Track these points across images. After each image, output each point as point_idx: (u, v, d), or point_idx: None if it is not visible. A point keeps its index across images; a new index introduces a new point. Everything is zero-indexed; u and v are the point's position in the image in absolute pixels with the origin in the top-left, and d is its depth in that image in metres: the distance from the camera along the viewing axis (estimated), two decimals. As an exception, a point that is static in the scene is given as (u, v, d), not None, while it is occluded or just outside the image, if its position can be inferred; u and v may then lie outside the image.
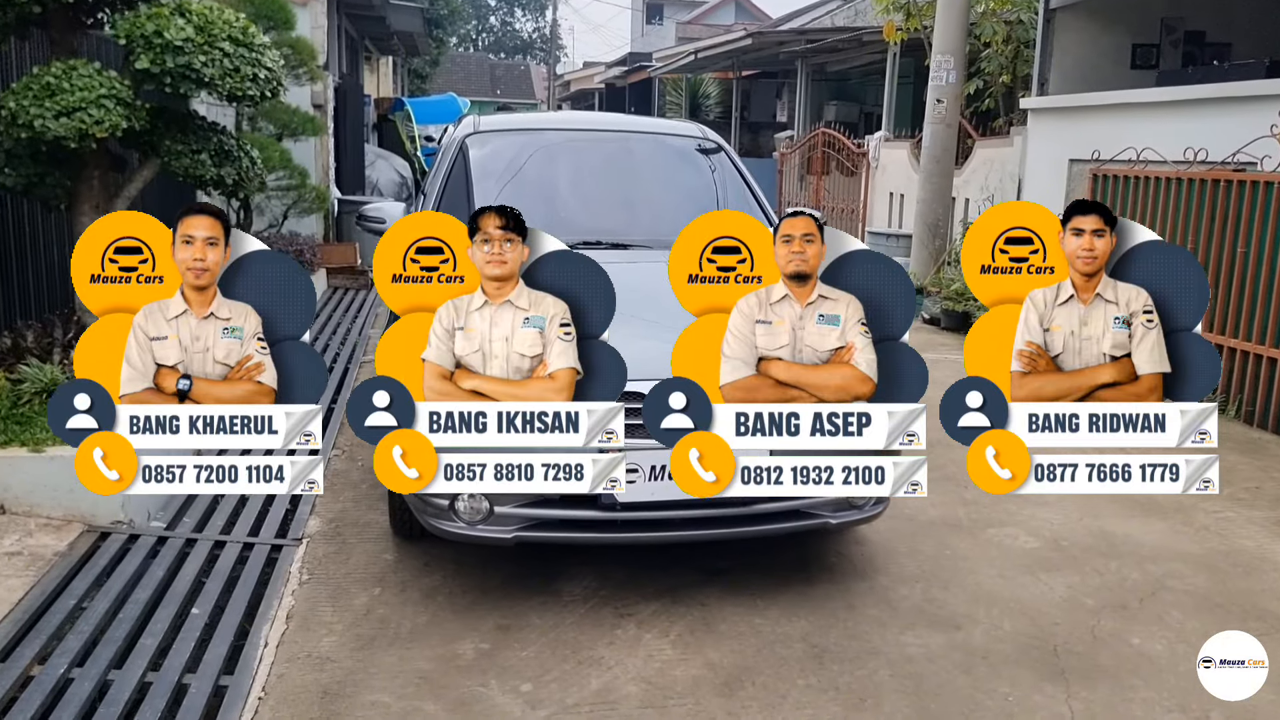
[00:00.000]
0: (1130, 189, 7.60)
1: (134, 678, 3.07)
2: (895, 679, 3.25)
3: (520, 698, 3.08)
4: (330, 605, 3.62)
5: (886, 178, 13.61)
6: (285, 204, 9.33)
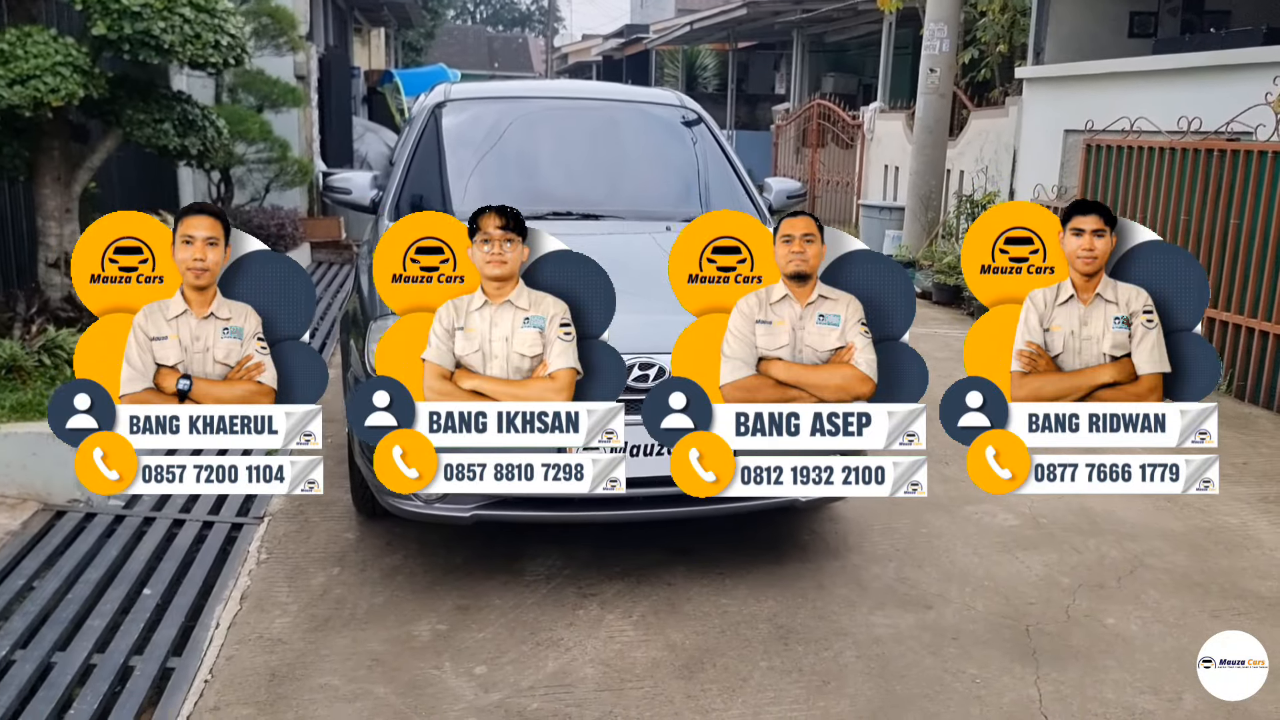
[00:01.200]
0: (1123, 159, 7.46)
1: (78, 659, 2.99)
2: (861, 660, 3.17)
3: (474, 680, 3.00)
4: (287, 585, 3.53)
5: (881, 149, 13.45)
6: (267, 177, 9.20)
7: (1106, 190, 7.66)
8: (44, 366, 4.43)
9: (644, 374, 3.34)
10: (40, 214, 4.86)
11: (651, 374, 3.35)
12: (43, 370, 4.42)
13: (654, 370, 3.36)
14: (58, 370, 4.44)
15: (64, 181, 4.85)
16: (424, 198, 4.65)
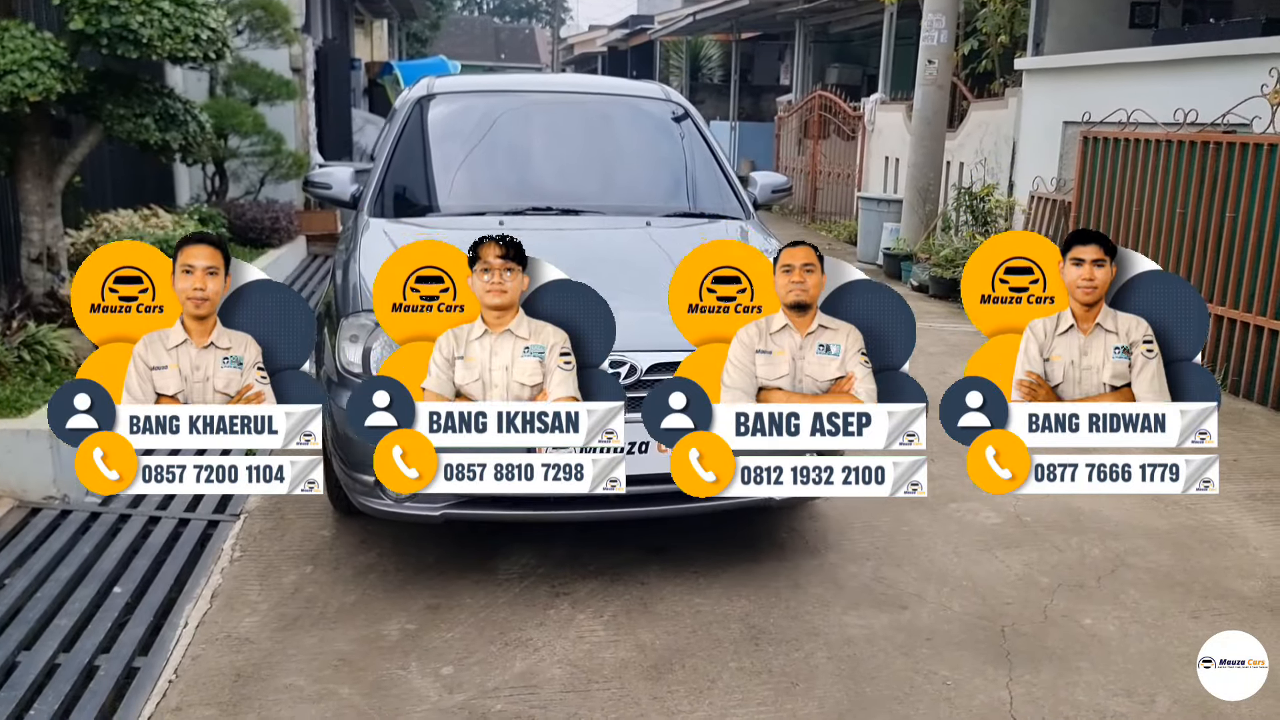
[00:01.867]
0: (1120, 152, 7.39)
1: (43, 659, 2.98)
2: (832, 661, 3.14)
3: (439, 681, 2.98)
4: (258, 583, 3.52)
5: (882, 141, 13.37)
6: (261, 170, 9.18)
7: (1103, 183, 7.60)
8: (24, 363, 4.42)
9: (615, 372, 3.30)
10: (22, 209, 4.85)
11: (623, 371, 3.32)
12: (22, 366, 4.41)
13: (625, 368, 3.32)
14: (37, 366, 4.44)
15: (46, 176, 4.84)
16: (406, 191, 4.63)
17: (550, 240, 4.26)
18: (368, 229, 4.23)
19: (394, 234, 4.14)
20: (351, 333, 3.45)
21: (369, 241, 4.07)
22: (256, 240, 8.59)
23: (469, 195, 4.61)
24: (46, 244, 4.90)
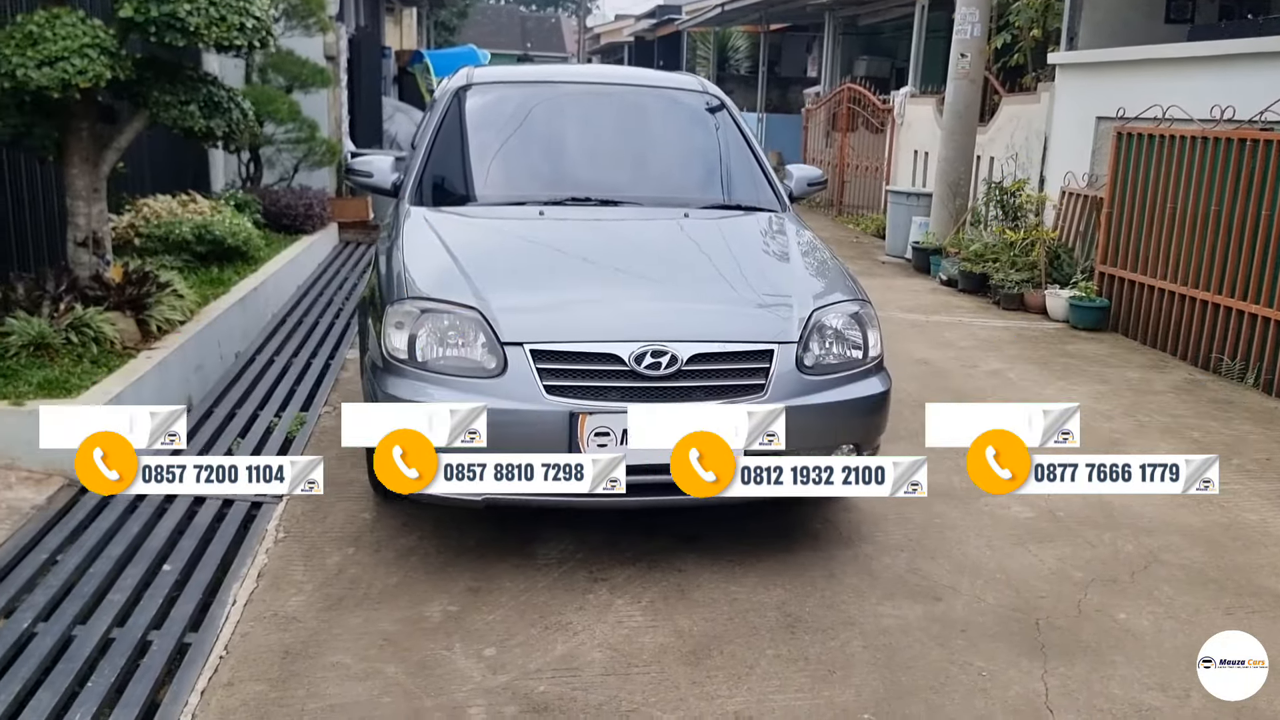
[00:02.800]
0: (1154, 148, 7.36)
1: (98, 633, 3.06)
2: (868, 650, 3.18)
3: (482, 662, 3.04)
4: (303, 564, 3.59)
5: (911, 134, 13.32)
6: (295, 157, 9.26)
7: (1137, 179, 7.56)
8: (71, 344, 4.51)
9: (656, 361, 3.35)
10: (69, 194, 4.93)
11: (663, 361, 3.35)
12: (70, 348, 4.49)
13: (666, 358, 3.36)
14: (84, 348, 4.52)
15: (92, 162, 4.91)
16: (445, 180, 4.69)
17: (590, 231, 4.31)
18: (409, 217, 4.29)
19: (435, 222, 4.21)
20: (397, 319, 3.51)
21: (411, 230, 4.13)
22: (290, 226, 8.67)
23: (508, 185, 4.66)
24: (92, 228, 4.98)
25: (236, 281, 6.49)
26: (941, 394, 5.84)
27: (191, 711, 2.75)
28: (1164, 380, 6.49)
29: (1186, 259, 7.03)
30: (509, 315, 3.43)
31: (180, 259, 6.50)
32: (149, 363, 4.59)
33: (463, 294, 3.51)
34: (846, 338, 3.70)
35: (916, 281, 9.91)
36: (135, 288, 5.06)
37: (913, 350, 6.71)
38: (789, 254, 4.14)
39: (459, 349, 3.43)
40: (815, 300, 3.72)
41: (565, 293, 3.72)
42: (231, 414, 5.08)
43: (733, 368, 3.45)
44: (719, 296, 3.76)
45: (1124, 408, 5.81)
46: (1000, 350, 7.00)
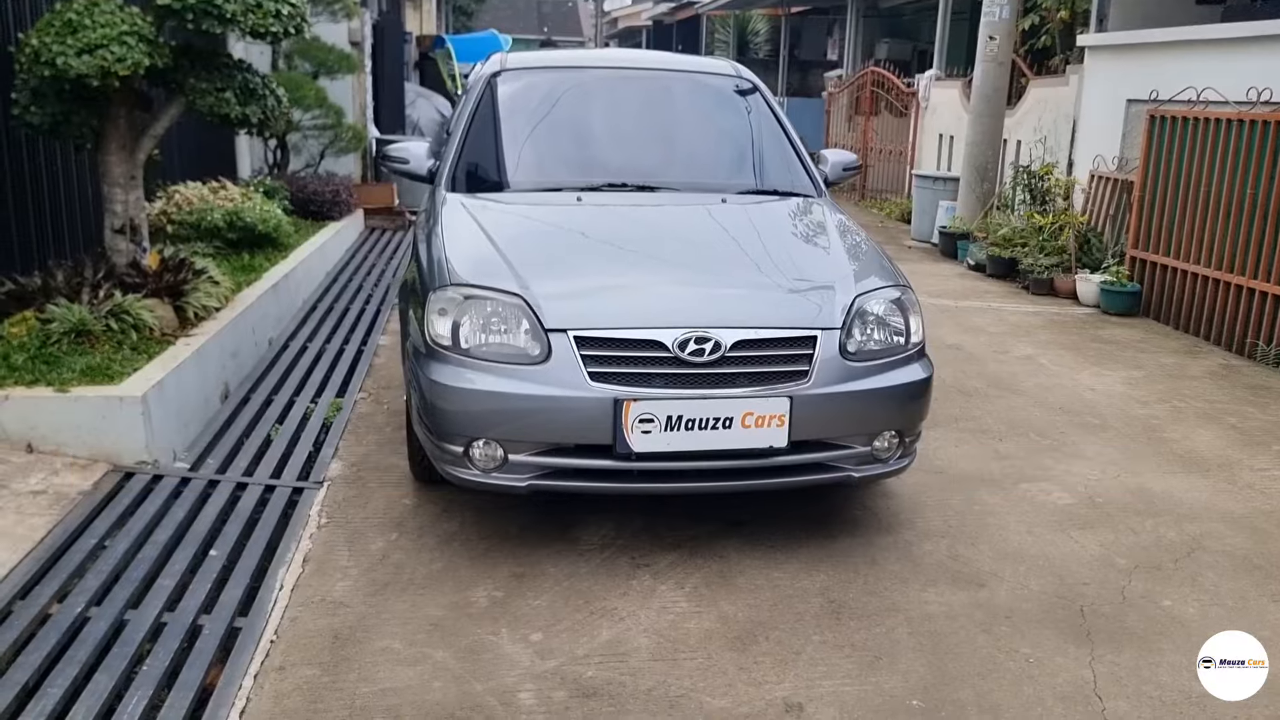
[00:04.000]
0: (1189, 131, 7.28)
1: (150, 618, 3.08)
2: (913, 637, 3.18)
3: (530, 647, 3.05)
4: (347, 549, 3.61)
5: (936, 118, 13.23)
6: (322, 143, 9.28)
7: (1169, 162, 7.49)
8: (111, 331, 4.53)
9: (700, 348, 3.34)
10: (106, 181, 4.95)
11: (707, 348, 3.35)
12: (110, 334, 4.52)
13: (709, 344, 3.35)
14: (124, 335, 4.55)
15: (129, 149, 4.93)
16: (481, 167, 4.68)
17: (628, 217, 4.31)
18: (446, 204, 4.29)
19: (474, 209, 4.20)
20: (440, 306, 3.51)
21: (450, 217, 4.13)
22: (317, 213, 8.70)
23: (544, 171, 4.65)
24: (129, 215, 5.01)
25: (268, 268, 6.51)
26: (975, 380, 5.82)
27: (246, 695, 2.77)
28: (1199, 365, 6.44)
29: (1221, 243, 6.96)
30: (552, 302, 3.43)
31: (212, 246, 6.53)
32: (188, 349, 4.61)
33: (506, 281, 3.51)
34: (889, 324, 3.69)
35: (944, 266, 9.86)
36: (172, 274, 5.09)
37: (943, 335, 6.68)
38: (828, 240, 4.12)
39: (502, 336, 3.44)
40: (857, 286, 3.70)
41: (607, 279, 3.71)
42: (268, 400, 5.11)
43: (776, 354, 3.44)
44: (760, 283, 3.75)
45: (1159, 393, 5.77)
46: (1031, 335, 6.97)
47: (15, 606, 3.05)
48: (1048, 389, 5.72)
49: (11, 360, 4.20)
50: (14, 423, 3.97)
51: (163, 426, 4.18)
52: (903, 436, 3.67)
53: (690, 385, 3.35)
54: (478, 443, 3.41)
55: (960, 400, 5.48)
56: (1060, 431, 5.08)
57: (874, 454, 3.62)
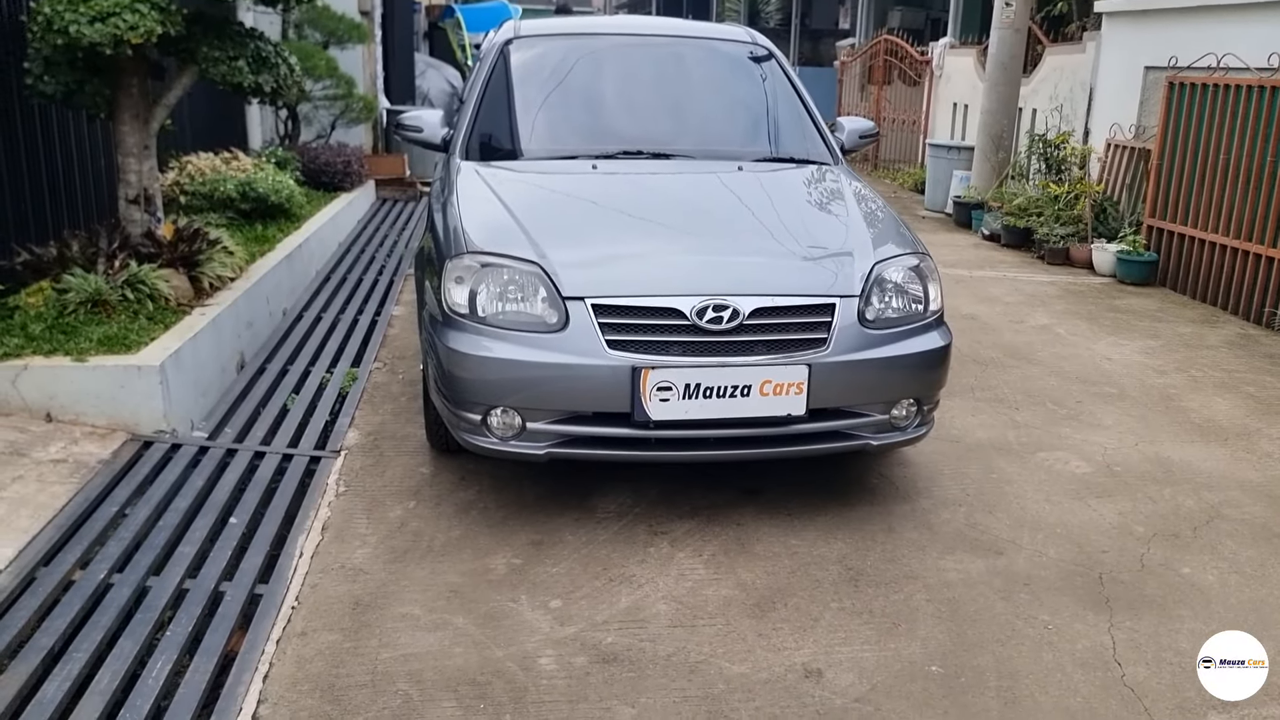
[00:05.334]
0: (1208, 98, 7.20)
1: (171, 584, 3.11)
2: (932, 604, 3.18)
3: (549, 613, 3.07)
4: (365, 517, 3.63)
5: (950, 87, 13.10)
6: (333, 113, 9.24)
7: (1188, 130, 7.41)
8: (127, 301, 4.54)
9: (718, 315, 3.33)
10: (120, 151, 4.94)
11: (725, 316, 3.33)
12: (126, 304, 4.53)
13: (728, 312, 3.34)
14: (140, 305, 4.55)
15: (142, 119, 4.92)
16: (495, 135, 4.66)
17: (644, 184, 4.28)
18: (460, 172, 4.27)
19: (488, 177, 4.18)
20: (457, 274, 3.50)
21: (465, 185, 4.11)
22: (329, 184, 8.67)
23: (559, 138, 4.62)
24: (143, 185, 5.00)
25: (281, 239, 6.51)
26: (991, 349, 5.79)
27: (269, 660, 2.79)
28: (1216, 335, 6.40)
29: (1239, 212, 6.90)
30: (570, 270, 3.42)
31: (225, 216, 6.52)
32: (204, 319, 4.62)
33: (522, 249, 3.50)
34: (907, 291, 3.66)
35: (958, 236, 9.80)
36: (187, 245, 5.08)
37: (959, 305, 6.65)
38: (846, 207, 4.09)
39: (519, 304, 3.43)
40: (876, 253, 3.68)
41: (624, 247, 3.70)
42: (284, 370, 5.12)
43: (794, 321, 3.43)
44: (778, 250, 3.72)
45: (1177, 363, 5.74)
46: (1047, 305, 6.93)
47: (39, 573, 3.08)
48: (1064, 358, 5.70)
49: (29, 330, 4.22)
50: (33, 392, 3.99)
51: (180, 396, 4.19)
52: (921, 405, 3.66)
53: (708, 353, 3.34)
54: (496, 411, 3.41)
55: (976, 369, 5.46)
56: (1077, 401, 5.06)
57: (892, 422, 3.61)
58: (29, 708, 2.50)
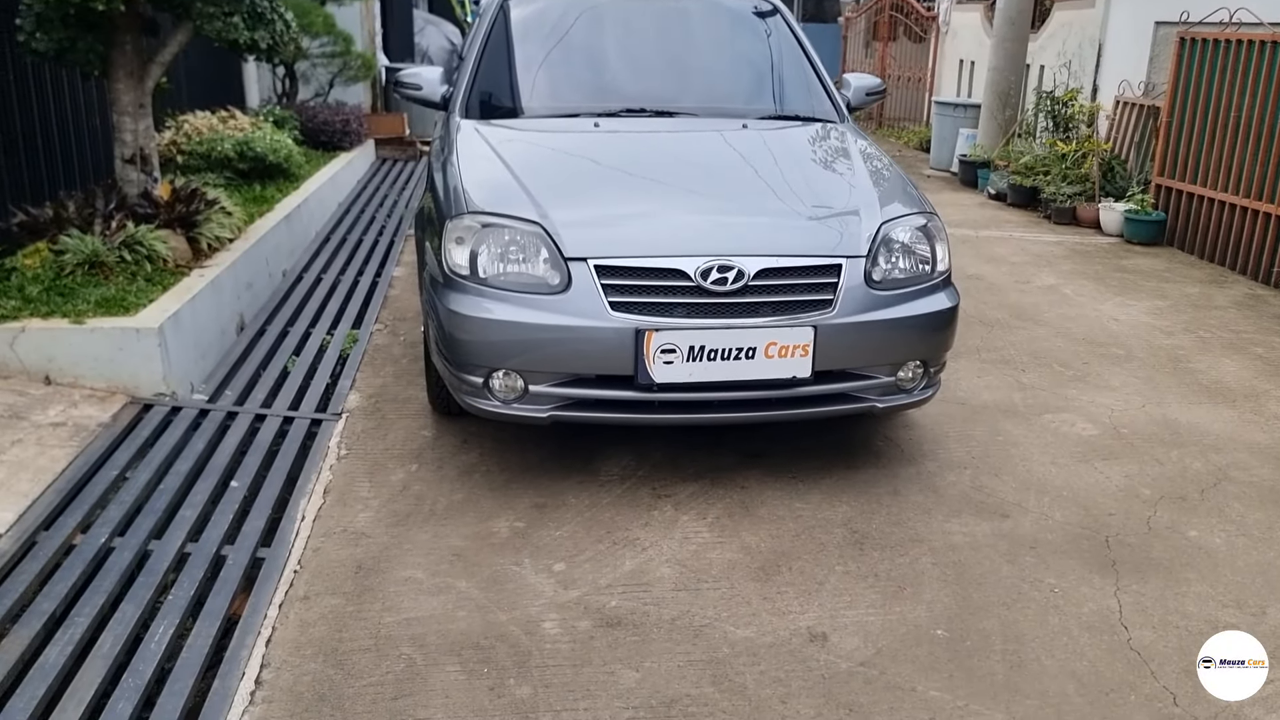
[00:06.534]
0: (1220, 54, 7.08)
1: (173, 548, 3.09)
2: (937, 567, 3.16)
3: (553, 577, 3.05)
4: (367, 481, 3.61)
5: (957, 43, 12.92)
6: (331, 71, 9.12)
7: (1199, 87, 7.30)
8: (125, 263, 4.49)
9: (722, 276, 3.28)
10: (115, 110, 4.87)
11: (730, 277, 3.28)
12: (124, 266, 4.48)
13: (732, 273, 3.29)
14: (138, 266, 4.51)
15: (137, 77, 4.84)
16: (496, 93, 4.58)
17: (647, 143, 4.21)
18: (460, 130, 4.20)
19: (489, 135, 4.12)
20: (457, 235, 3.45)
21: (465, 144, 4.05)
22: (328, 143, 8.58)
23: (560, 96, 4.54)
24: (139, 145, 4.93)
25: (280, 199, 6.44)
26: (996, 310, 5.74)
27: (271, 624, 2.78)
28: (1224, 295, 6.34)
29: (1250, 170, 6.81)
30: (572, 230, 3.36)
31: (223, 176, 6.45)
32: (202, 281, 4.57)
33: (524, 209, 3.44)
34: (915, 252, 3.61)
35: (963, 195, 9.71)
36: (185, 205, 5.02)
37: (964, 265, 6.59)
38: (852, 166, 4.03)
39: (521, 265, 3.38)
40: (883, 213, 3.62)
41: (626, 207, 3.64)
42: (284, 332, 5.08)
43: (800, 283, 3.38)
44: (783, 210, 3.67)
45: (1184, 323, 5.69)
46: (1053, 265, 6.86)
47: (40, 537, 3.06)
48: (1071, 319, 5.65)
49: (27, 292, 4.18)
50: (31, 355, 3.96)
51: (180, 358, 4.16)
52: (927, 366, 3.62)
53: (713, 315, 3.30)
54: (497, 373, 3.37)
55: (982, 331, 5.41)
56: (1084, 362, 5.02)
57: (898, 384, 3.57)
58: (31, 671, 2.49)
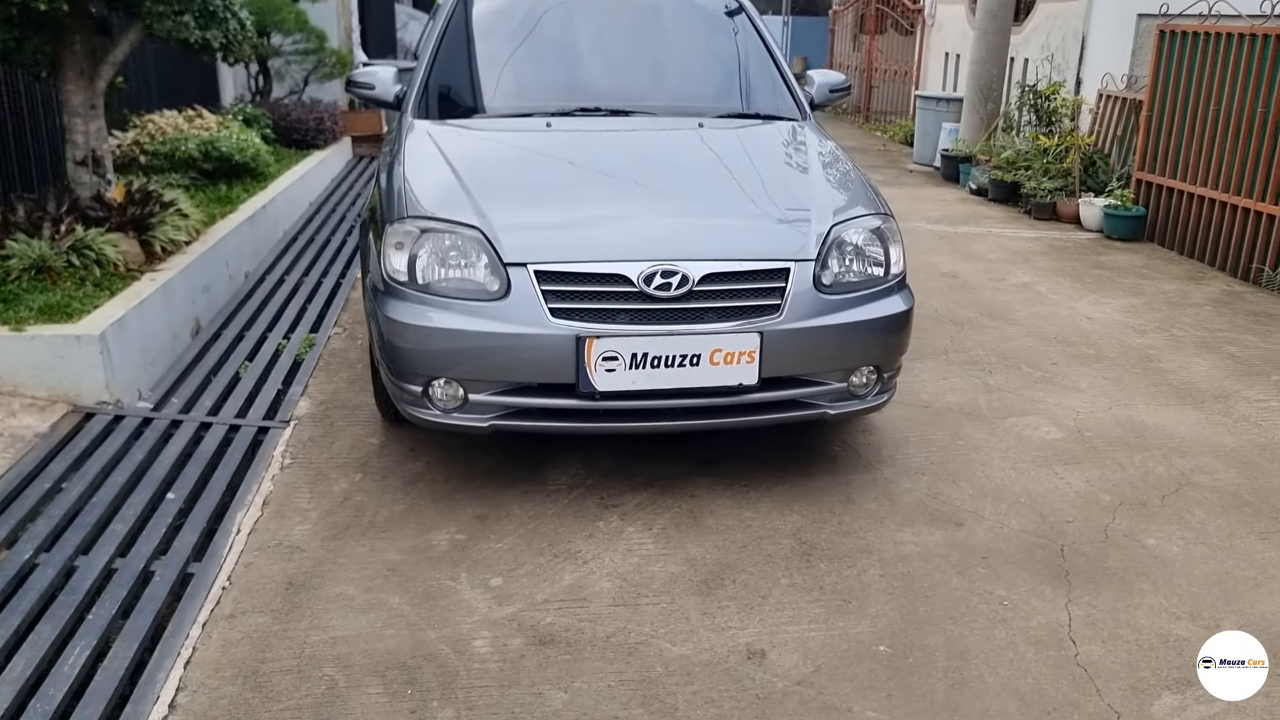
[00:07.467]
0: (1199, 46, 6.99)
1: (100, 564, 3.01)
2: (885, 579, 3.08)
3: (489, 592, 2.97)
4: (309, 491, 3.53)
5: (942, 36, 12.82)
6: (305, 69, 9.02)
7: (1179, 80, 7.21)
8: (73, 267, 4.41)
9: (666, 282, 3.19)
10: (65, 111, 4.78)
11: (674, 282, 3.20)
12: (72, 271, 4.40)
13: (676, 278, 3.20)
14: (86, 271, 4.42)
15: (88, 77, 4.74)
16: (449, 92, 4.49)
17: (600, 143, 4.12)
18: (411, 131, 4.11)
19: (438, 136, 4.03)
20: (397, 240, 3.36)
21: (413, 144, 3.96)
22: (301, 142, 8.49)
23: (515, 95, 4.45)
24: (91, 146, 4.84)
25: (245, 199, 6.35)
26: (968, 309, 5.66)
27: (192, 644, 2.70)
28: (1201, 292, 6.26)
29: (1230, 164, 6.72)
30: (512, 234, 3.28)
31: (187, 177, 6.36)
32: (152, 285, 4.48)
33: (464, 212, 3.35)
34: (867, 254, 3.52)
35: (945, 191, 9.62)
36: (138, 207, 4.93)
37: (939, 263, 6.51)
38: (808, 166, 3.94)
39: (460, 270, 3.29)
40: (835, 215, 3.53)
41: (572, 210, 3.55)
42: (240, 335, 4.99)
43: (747, 287, 3.29)
44: (733, 211, 3.58)
45: (1158, 321, 5.61)
46: (1030, 262, 6.78)
47: (-40, 554, 2.98)
48: (1043, 318, 5.56)
49: (-33, 299, 4.09)
50: (-31, 363, 3.87)
51: (124, 365, 4.07)
52: (881, 372, 3.54)
53: (656, 321, 3.21)
54: (437, 382, 3.29)
55: (951, 330, 5.33)
56: (1053, 363, 4.94)
57: (850, 390, 3.49)
58: (-67, 699, 2.41)
